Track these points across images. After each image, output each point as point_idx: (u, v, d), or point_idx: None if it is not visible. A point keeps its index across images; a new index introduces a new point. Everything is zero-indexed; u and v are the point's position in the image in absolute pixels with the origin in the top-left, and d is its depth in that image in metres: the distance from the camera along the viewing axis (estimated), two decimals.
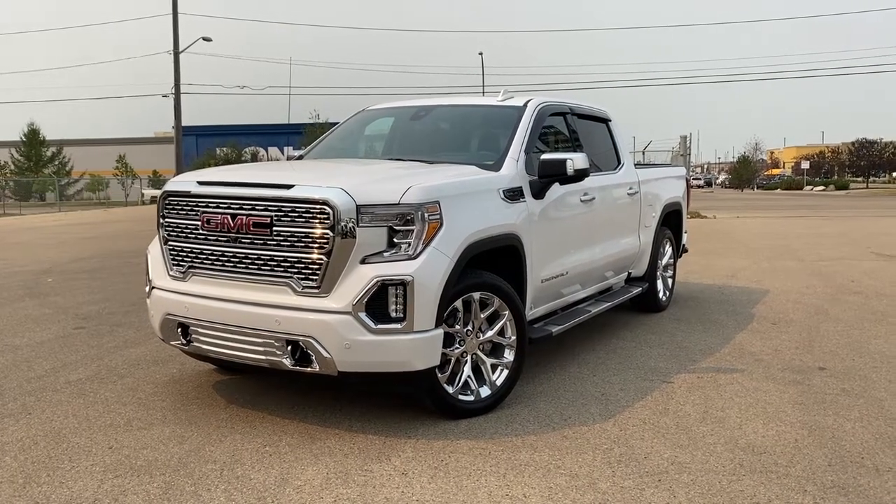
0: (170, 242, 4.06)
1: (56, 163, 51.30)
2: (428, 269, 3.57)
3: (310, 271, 3.56)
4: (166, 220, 4.07)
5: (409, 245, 3.59)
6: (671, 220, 7.10)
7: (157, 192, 4.12)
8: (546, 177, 4.53)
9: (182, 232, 3.98)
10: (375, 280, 3.49)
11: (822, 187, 63.92)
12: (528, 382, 4.53)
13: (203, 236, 3.87)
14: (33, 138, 50.92)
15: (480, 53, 51.44)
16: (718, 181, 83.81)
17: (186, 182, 4.05)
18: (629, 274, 6.34)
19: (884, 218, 20.73)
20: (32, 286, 8.70)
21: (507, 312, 4.07)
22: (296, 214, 3.58)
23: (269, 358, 3.68)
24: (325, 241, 3.52)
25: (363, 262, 3.54)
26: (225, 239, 3.78)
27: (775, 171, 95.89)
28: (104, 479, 3.21)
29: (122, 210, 33.43)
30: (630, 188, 6.06)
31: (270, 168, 5.27)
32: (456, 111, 5.65)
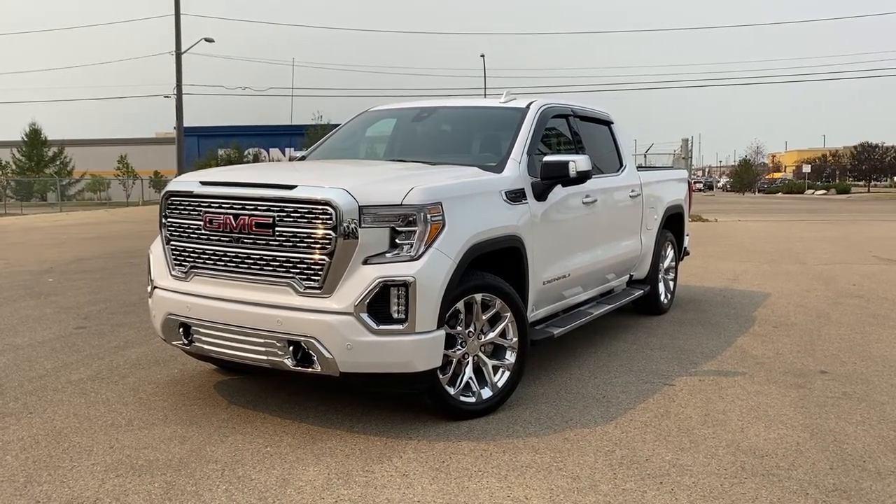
0: (172, 242, 4.06)
1: (57, 163, 51.32)
2: (430, 270, 3.56)
3: (312, 272, 3.56)
4: (168, 220, 4.07)
5: (412, 246, 3.59)
6: (673, 223, 7.10)
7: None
8: (548, 179, 4.52)
9: (184, 232, 3.98)
10: (377, 281, 3.49)
11: (823, 191, 63.93)
12: (529, 384, 4.52)
13: (205, 236, 3.87)
14: (35, 138, 50.94)
15: (482, 55, 51.48)
16: (720, 185, 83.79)
17: (189, 182, 4.05)
18: (631, 276, 6.34)
19: (885, 222, 20.72)
20: (33, 286, 8.70)
21: (508, 314, 4.06)
22: (298, 215, 3.58)
23: (270, 358, 3.68)
24: (327, 241, 3.52)
25: (365, 262, 3.54)
26: (227, 239, 3.78)
27: (777, 175, 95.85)
28: (105, 478, 3.20)
29: (124, 210, 33.46)
30: (632, 191, 6.06)
31: (273, 168, 5.27)
32: (458, 113, 5.66)
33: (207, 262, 3.89)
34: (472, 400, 3.97)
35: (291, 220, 3.59)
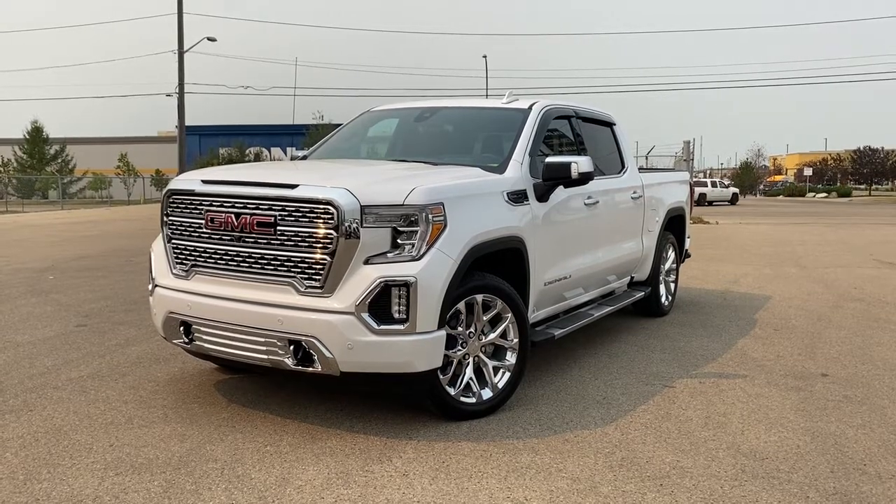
0: (173, 241, 4.06)
1: (59, 161, 51.40)
2: (431, 270, 3.56)
3: (313, 271, 3.56)
4: (170, 218, 4.07)
5: (413, 246, 3.59)
6: (674, 225, 7.10)
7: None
8: (550, 180, 4.52)
9: (186, 230, 3.98)
10: (379, 281, 3.49)
11: (824, 194, 63.90)
12: (529, 385, 4.52)
13: (207, 235, 3.87)
14: (36, 136, 51.01)
15: (484, 56, 51.49)
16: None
17: (191, 181, 4.05)
18: (632, 278, 6.33)
19: (886, 225, 20.72)
20: (34, 283, 8.71)
21: (509, 315, 4.06)
22: (300, 214, 3.57)
23: (271, 357, 3.67)
24: (328, 241, 3.52)
25: (367, 262, 3.54)
26: (228, 238, 3.78)
27: (778, 178, 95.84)
28: (105, 476, 3.20)
29: (125, 209, 33.48)
30: (634, 192, 6.06)
31: (275, 168, 5.27)
32: (460, 113, 5.65)
33: (209, 260, 3.88)
34: (473, 400, 3.97)
35: (293, 219, 3.59)
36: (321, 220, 3.53)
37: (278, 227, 3.61)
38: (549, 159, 4.55)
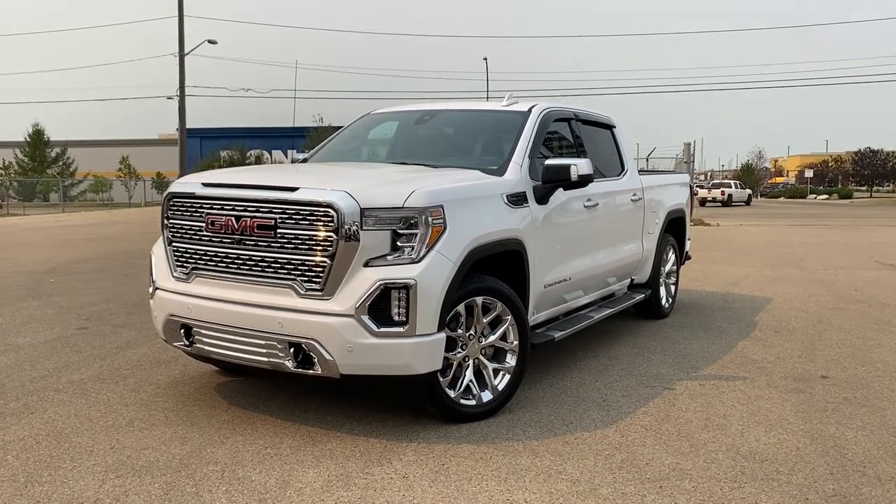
0: (174, 243, 4.06)
1: (60, 163, 51.47)
2: (431, 272, 3.57)
3: (313, 274, 3.57)
4: (171, 221, 4.08)
5: (413, 249, 3.59)
6: (674, 227, 7.11)
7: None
8: (550, 182, 4.53)
9: (186, 233, 3.99)
10: (378, 283, 3.50)
11: (825, 196, 63.87)
12: (529, 387, 4.52)
13: (207, 238, 3.88)
14: (37, 139, 51.09)
15: (485, 58, 51.51)
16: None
17: (191, 184, 4.06)
18: (632, 280, 6.34)
19: (887, 227, 20.71)
20: (35, 286, 8.72)
21: (509, 317, 4.07)
22: (300, 217, 3.58)
23: (271, 360, 3.68)
24: (328, 243, 3.52)
25: (366, 265, 3.55)
26: (229, 241, 3.79)
27: (779, 180, 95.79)
28: (106, 479, 3.21)
29: (125, 211, 33.51)
30: (634, 194, 6.06)
31: (275, 170, 5.28)
32: (460, 116, 5.66)
33: (209, 263, 3.89)
34: (473, 403, 3.97)
35: (293, 222, 3.60)
36: (321, 223, 3.53)
37: (278, 230, 3.62)
38: (548, 162, 4.56)
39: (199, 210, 3.91)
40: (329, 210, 3.51)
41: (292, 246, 3.61)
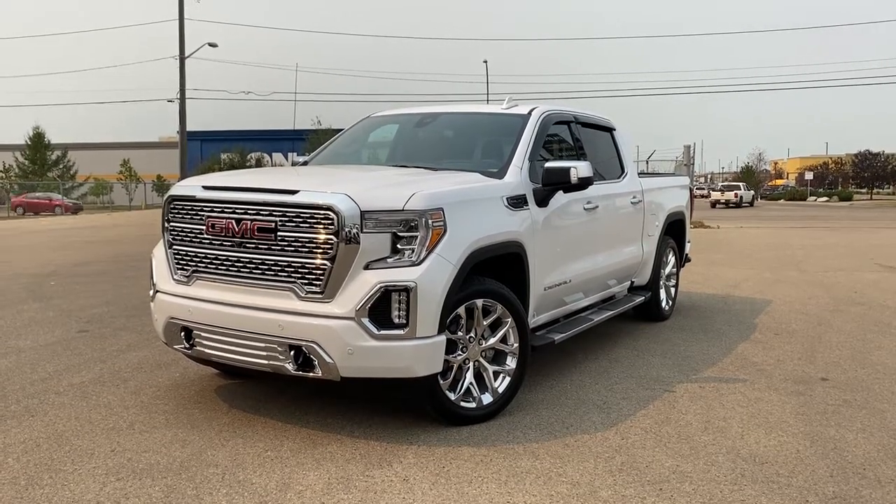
0: (174, 246, 4.07)
1: (60, 166, 51.49)
2: (431, 275, 3.58)
3: (313, 276, 3.58)
4: (171, 224, 4.09)
5: (413, 251, 3.60)
6: (674, 230, 7.11)
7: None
8: (550, 185, 4.54)
9: (187, 236, 4.00)
10: (379, 286, 3.50)
11: (825, 198, 63.89)
12: (529, 390, 4.53)
13: (207, 240, 3.88)
14: (38, 142, 51.12)
15: (485, 61, 51.60)
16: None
17: (192, 186, 4.07)
18: (632, 283, 6.34)
19: (887, 229, 20.71)
20: (36, 289, 8.73)
21: (509, 320, 4.07)
22: (300, 220, 3.59)
23: (271, 363, 3.69)
24: (328, 246, 3.53)
25: (367, 267, 3.55)
26: (229, 243, 3.79)
27: (779, 182, 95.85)
28: (106, 481, 3.21)
29: (126, 214, 33.52)
30: (634, 197, 6.07)
31: (275, 173, 5.28)
32: (460, 119, 5.68)
33: (209, 266, 3.90)
34: (473, 405, 3.97)
35: (293, 224, 3.60)
36: (321, 226, 3.54)
37: (279, 233, 3.63)
38: (548, 164, 4.56)
39: (200, 213, 3.91)
40: (329, 213, 3.51)
41: (293, 248, 3.61)
